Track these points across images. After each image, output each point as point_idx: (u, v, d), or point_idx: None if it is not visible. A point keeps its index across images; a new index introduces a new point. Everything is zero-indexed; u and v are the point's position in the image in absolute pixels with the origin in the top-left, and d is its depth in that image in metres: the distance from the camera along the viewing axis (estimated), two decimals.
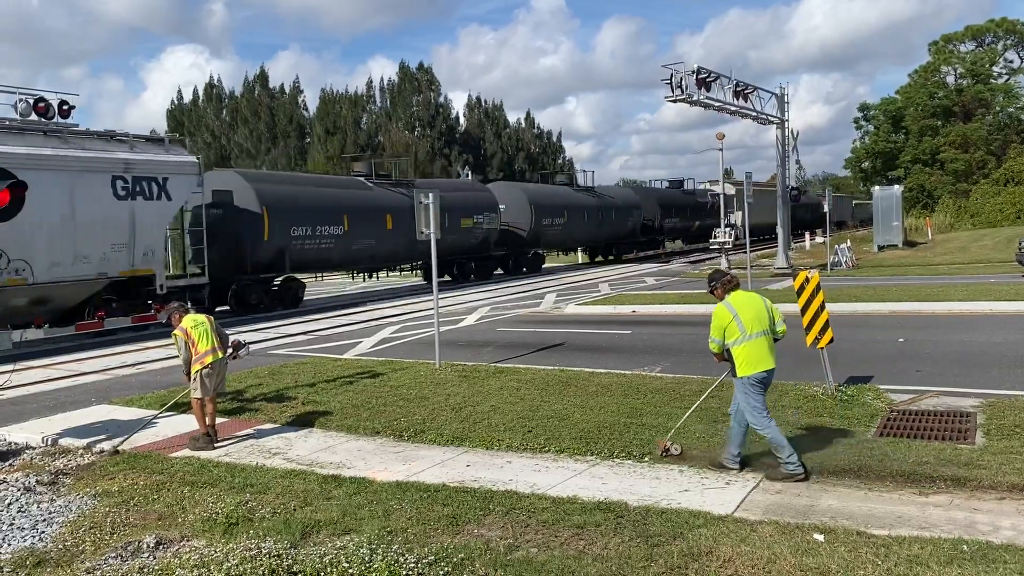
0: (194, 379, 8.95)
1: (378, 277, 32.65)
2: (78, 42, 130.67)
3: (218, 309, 22.63)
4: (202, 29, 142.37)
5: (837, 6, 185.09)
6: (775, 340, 7.35)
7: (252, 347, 16.84)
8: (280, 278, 24.74)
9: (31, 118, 17.52)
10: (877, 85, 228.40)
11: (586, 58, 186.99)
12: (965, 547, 5.34)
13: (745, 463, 7.29)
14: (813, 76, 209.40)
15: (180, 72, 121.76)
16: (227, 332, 9.50)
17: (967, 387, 10.14)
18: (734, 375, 7.22)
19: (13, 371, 12.29)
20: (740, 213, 25.00)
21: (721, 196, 35.49)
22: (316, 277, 29.20)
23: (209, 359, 8.92)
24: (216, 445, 8.85)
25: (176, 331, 9.07)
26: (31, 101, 17.55)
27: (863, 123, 75.18)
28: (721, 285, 7.41)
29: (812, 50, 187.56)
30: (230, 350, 9.50)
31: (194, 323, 9.05)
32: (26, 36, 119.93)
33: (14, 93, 17.48)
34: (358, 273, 31.24)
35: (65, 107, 18.15)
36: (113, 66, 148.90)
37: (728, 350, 7.21)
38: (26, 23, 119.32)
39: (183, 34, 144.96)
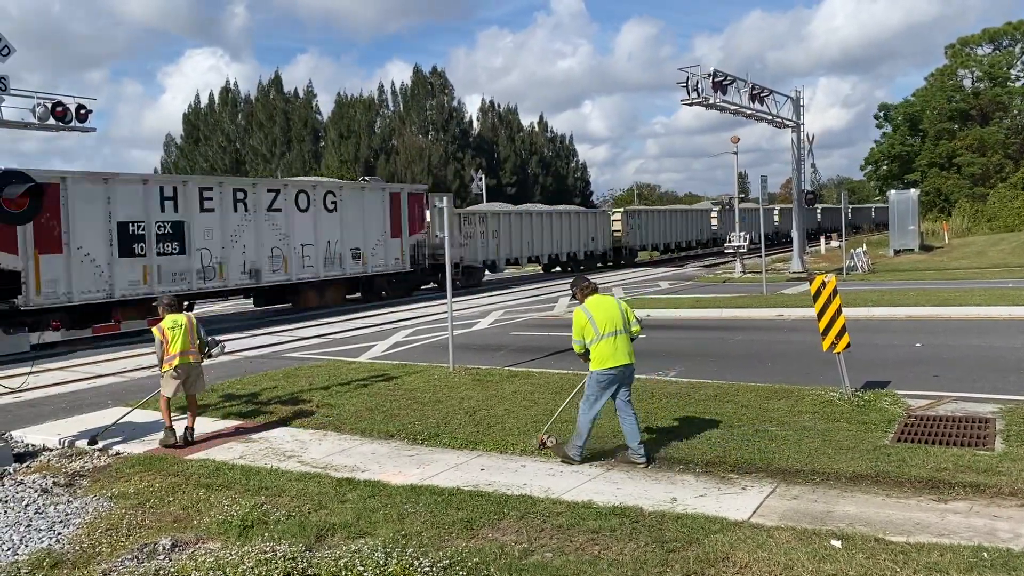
0: (163, 377, 9.26)
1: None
2: (100, 45, 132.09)
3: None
4: (223, 32, 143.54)
5: (859, 8, 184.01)
6: (631, 339, 7.91)
7: (266, 350, 16.92)
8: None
9: (49, 122, 17.68)
10: (896, 88, 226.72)
11: (604, 60, 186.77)
12: (985, 554, 5.27)
13: (650, 456, 7.78)
14: (831, 79, 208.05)
15: (199, 75, 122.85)
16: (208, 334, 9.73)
17: (986, 392, 10.03)
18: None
19: (31, 373, 12.39)
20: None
21: (735, 201, 35.40)
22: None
23: (176, 361, 9.13)
24: (193, 442, 9.10)
25: (154, 329, 9.33)
26: (49, 105, 17.72)
27: (884, 122, 74.54)
28: (580, 290, 8.16)
29: (832, 52, 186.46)
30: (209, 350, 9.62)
31: (172, 323, 9.23)
32: (49, 39, 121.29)
33: (32, 97, 17.66)
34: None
35: (83, 111, 18.33)
36: (134, 70, 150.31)
37: (588, 349, 7.83)
38: (49, 26, 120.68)
39: (204, 37, 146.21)
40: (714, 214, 53.41)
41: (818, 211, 61.43)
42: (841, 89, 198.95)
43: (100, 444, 9.28)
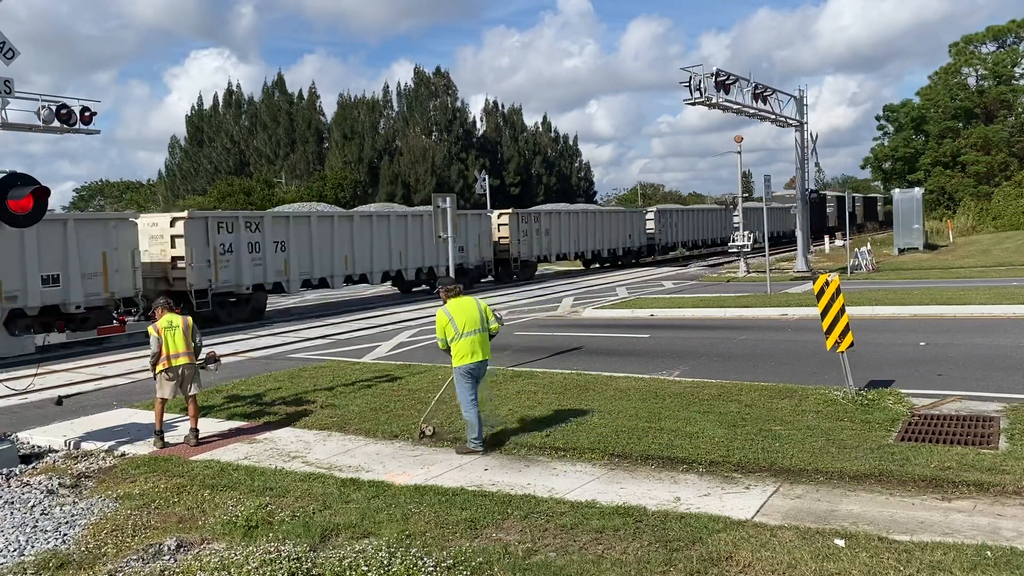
0: (157, 379, 9.31)
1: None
2: (108, 47, 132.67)
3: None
4: (230, 33, 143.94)
5: (866, 6, 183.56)
6: (490, 336, 8.65)
7: (271, 351, 16.96)
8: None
9: (54, 124, 17.76)
10: (903, 87, 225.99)
11: (610, 60, 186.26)
12: (989, 553, 5.28)
13: (489, 444, 8.47)
14: (838, 77, 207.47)
15: (206, 77, 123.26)
16: (204, 339, 9.83)
17: (990, 391, 10.02)
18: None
19: (36, 375, 12.44)
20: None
21: (739, 200, 35.36)
22: None
23: (170, 363, 9.19)
24: (200, 443, 9.17)
25: (150, 327, 9.37)
26: (53, 108, 17.80)
27: (886, 124, 74.40)
28: (444, 291, 8.77)
29: (839, 50, 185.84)
30: (201, 359, 9.68)
31: (168, 323, 9.29)
32: (57, 42, 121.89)
33: (37, 100, 17.74)
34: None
35: (87, 113, 18.42)
36: (141, 71, 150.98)
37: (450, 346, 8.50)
38: (58, 29, 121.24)
39: (212, 38, 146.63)
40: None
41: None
42: (848, 87, 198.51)
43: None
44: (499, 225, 33.91)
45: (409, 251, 28.23)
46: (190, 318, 9.55)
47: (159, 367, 9.25)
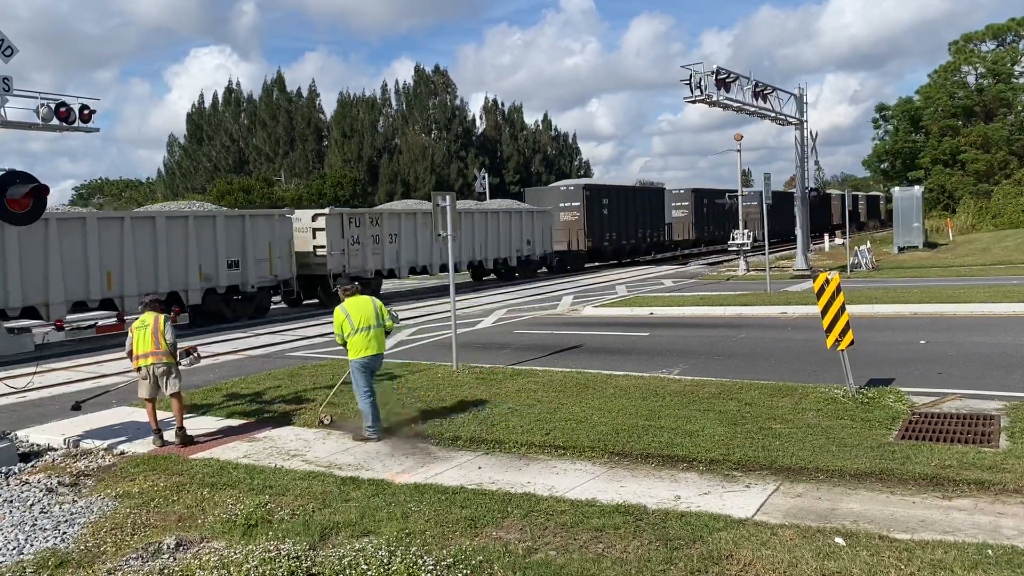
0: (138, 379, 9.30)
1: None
2: (109, 45, 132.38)
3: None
4: (232, 31, 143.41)
5: (868, 4, 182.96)
6: (386, 333, 9.27)
7: (270, 349, 16.94)
8: None
9: (53, 122, 17.71)
10: (905, 84, 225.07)
11: (612, 58, 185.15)
12: (990, 552, 5.27)
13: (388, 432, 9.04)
14: (840, 75, 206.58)
15: (207, 75, 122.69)
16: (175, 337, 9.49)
17: (990, 389, 10.01)
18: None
19: (35, 373, 12.43)
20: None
21: (739, 198, 35.32)
22: None
23: (139, 363, 9.16)
24: (190, 441, 9.12)
25: (128, 329, 9.38)
26: (53, 106, 17.77)
27: (881, 122, 74.49)
28: (343, 291, 9.38)
29: (841, 48, 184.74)
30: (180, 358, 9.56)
31: (140, 323, 9.25)
32: (59, 40, 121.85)
33: (36, 98, 17.70)
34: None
35: (86, 111, 18.36)
36: (142, 70, 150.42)
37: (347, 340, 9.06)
38: (59, 27, 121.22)
39: (213, 36, 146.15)
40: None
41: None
42: (849, 86, 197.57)
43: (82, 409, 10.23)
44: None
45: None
46: (163, 316, 9.29)
47: (133, 366, 9.24)
